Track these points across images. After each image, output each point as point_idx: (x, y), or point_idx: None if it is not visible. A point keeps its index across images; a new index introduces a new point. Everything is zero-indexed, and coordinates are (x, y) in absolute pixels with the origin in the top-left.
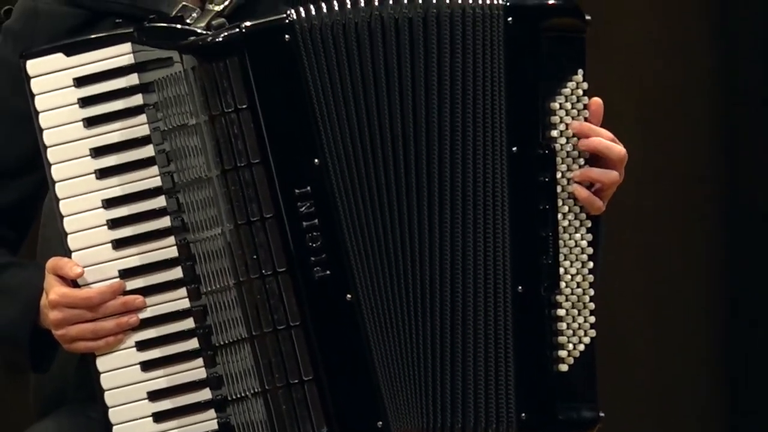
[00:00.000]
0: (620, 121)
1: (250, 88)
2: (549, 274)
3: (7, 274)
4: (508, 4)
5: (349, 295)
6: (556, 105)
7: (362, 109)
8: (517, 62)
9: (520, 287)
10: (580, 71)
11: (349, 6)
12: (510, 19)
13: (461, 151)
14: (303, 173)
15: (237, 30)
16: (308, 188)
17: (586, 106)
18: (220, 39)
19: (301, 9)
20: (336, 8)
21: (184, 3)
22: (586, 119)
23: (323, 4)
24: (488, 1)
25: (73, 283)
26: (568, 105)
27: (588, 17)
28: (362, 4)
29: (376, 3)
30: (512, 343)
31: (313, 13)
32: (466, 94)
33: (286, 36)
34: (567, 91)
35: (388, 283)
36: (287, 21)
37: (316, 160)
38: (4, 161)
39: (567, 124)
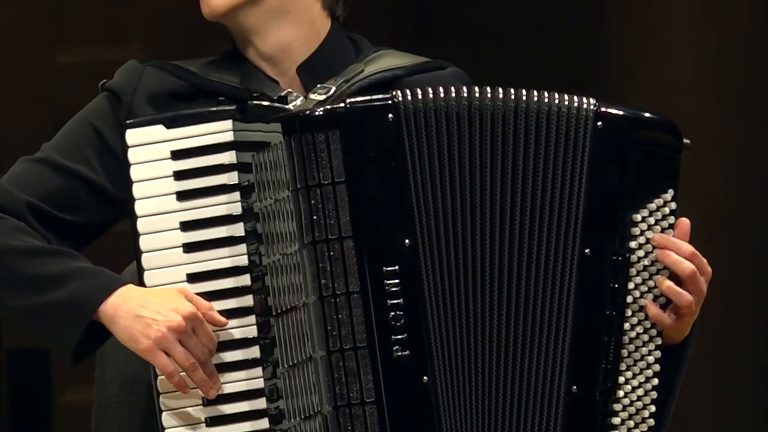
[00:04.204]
0: None
1: (350, 162)
2: (607, 379)
3: (78, 258)
4: (600, 109)
5: (425, 378)
6: (638, 217)
7: (457, 196)
8: (601, 167)
9: (575, 387)
10: (671, 191)
11: (452, 94)
12: (600, 123)
13: (538, 246)
14: (393, 252)
15: (341, 105)
16: (396, 267)
17: (672, 226)
18: (323, 112)
19: (407, 91)
20: (440, 94)
21: (289, 89)
22: None
23: (429, 89)
24: (579, 103)
25: None
26: (652, 220)
27: (687, 141)
28: (464, 94)
29: (476, 93)
30: None
31: (419, 96)
32: (545, 190)
33: (390, 115)
34: (652, 206)
35: (465, 369)
36: (392, 101)
37: (407, 241)
38: (101, 186)
39: (648, 239)
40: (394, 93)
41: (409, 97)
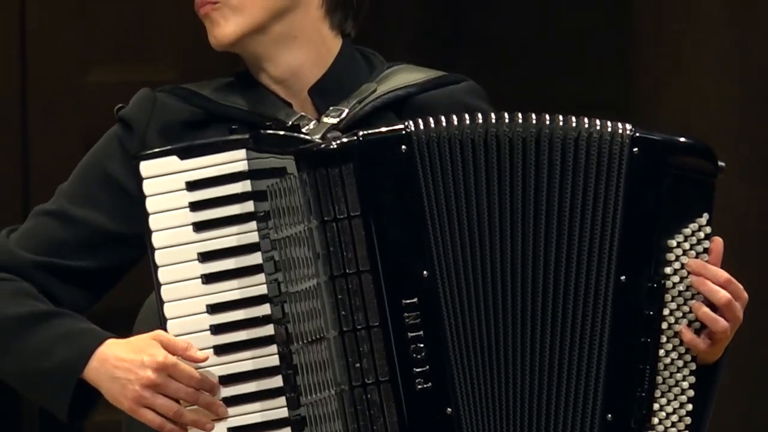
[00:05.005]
0: None
1: (365, 195)
2: (641, 407)
3: (70, 319)
4: (636, 134)
5: (449, 409)
6: (674, 243)
7: (474, 225)
8: (636, 194)
9: (609, 416)
10: (705, 215)
11: (467, 121)
12: (636, 149)
13: (567, 274)
14: (411, 284)
15: (354, 138)
16: (416, 299)
17: (706, 250)
18: (337, 145)
19: (420, 120)
20: (454, 122)
21: (301, 113)
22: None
23: (441, 118)
24: (614, 129)
25: None
26: (687, 245)
27: (722, 164)
28: (479, 120)
29: (492, 120)
30: None
31: (432, 125)
32: (574, 217)
33: (403, 147)
34: (687, 231)
35: (489, 399)
36: (404, 132)
37: (425, 272)
38: (113, 229)
39: (683, 264)
40: (406, 123)
41: (422, 127)
